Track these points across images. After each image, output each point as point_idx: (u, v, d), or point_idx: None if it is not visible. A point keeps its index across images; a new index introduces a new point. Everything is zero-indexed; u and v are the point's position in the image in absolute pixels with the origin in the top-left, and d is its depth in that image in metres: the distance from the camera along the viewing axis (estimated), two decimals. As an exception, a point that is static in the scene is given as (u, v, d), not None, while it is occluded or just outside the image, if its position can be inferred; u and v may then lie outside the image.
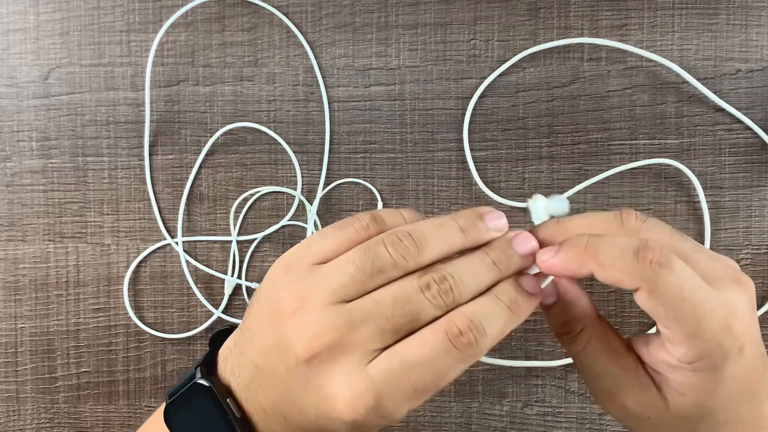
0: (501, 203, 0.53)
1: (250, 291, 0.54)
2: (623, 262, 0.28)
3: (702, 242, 0.52)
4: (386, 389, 0.27)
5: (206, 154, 0.54)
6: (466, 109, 0.53)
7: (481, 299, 0.29)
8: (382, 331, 0.28)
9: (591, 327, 0.31)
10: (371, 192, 0.53)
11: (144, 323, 0.54)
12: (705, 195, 0.52)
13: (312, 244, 0.30)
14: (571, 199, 0.53)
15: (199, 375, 0.31)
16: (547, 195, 0.34)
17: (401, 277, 0.29)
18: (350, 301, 0.28)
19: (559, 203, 0.33)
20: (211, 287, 0.54)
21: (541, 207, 0.33)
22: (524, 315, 0.30)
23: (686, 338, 0.28)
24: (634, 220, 0.30)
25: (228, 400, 0.30)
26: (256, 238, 0.54)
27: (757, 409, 0.30)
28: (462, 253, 0.31)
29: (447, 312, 0.29)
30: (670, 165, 0.52)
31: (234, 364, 0.31)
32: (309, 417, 0.29)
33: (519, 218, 0.53)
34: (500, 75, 0.53)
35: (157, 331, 0.54)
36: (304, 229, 0.53)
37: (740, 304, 0.29)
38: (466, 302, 0.29)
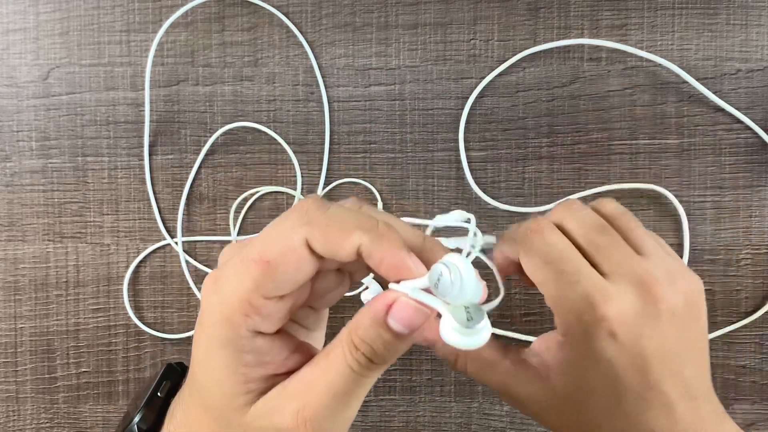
0: (497, 206, 0.53)
1: (250, 291, 0.54)
2: (513, 233, 0.33)
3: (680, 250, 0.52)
4: None
5: (206, 154, 0.54)
6: (469, 110, 0.53)
7: None
8: None
9: (462, 356, 0.34)
10: (371, 192, 0.53)
11: (144, 323, 0.54)
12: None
13: None
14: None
15: None
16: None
17: None
18: None
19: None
20: (210, 287, 0.54)
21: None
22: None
23: (552, 302, 0.31)
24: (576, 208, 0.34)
25: None
26: (255, 238, 0.54)
27: (648, 413, 0.30)
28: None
29: None
30: (653, 190, 0.52)
31: None
32: None
33: (517, 220, 0.53)
34: (500, 75, 0.53)
35: (157, 331, 0.54)
36: (304, 229, 0.53)
37: (625, 300, 0.30)
38: None
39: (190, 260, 0.54)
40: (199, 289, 0.53)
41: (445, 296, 0.25)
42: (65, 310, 0.54)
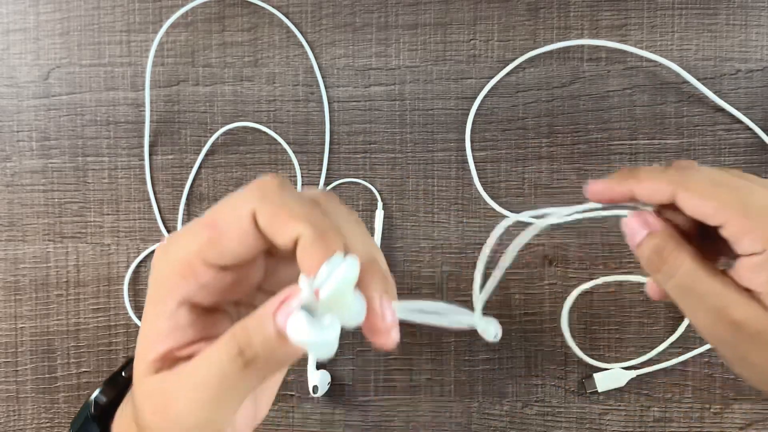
0: (496, 210, 0.53)
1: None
2: (655, 173, 0.31)
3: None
4: None
5: (206, 154, 0.54)
6: (469, 110, 0.53)
7: None
8: None
9: (685, 247, 0.31)
10: (371, 192, 0.53)
11: (144, 323, 0.54)
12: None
13: None
14: (571, 199, 0.53)
15: None
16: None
17: None
18: None
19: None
20: (211, 287, 0.54)
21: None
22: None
23: (741, 221, 0.29)
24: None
25: None
26: (256, 238, 0.54)
27: None
28: None
29: None
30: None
31: None
32: None
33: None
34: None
35: (157, 331, 0.54)
36: (304, 229, 0.53)
37: None
38: None
39: (191, 260, 0.54)
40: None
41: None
42: (65, 310, 0.54)
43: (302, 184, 0.53)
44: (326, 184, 0.53)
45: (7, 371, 0.54)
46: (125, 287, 0.54)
